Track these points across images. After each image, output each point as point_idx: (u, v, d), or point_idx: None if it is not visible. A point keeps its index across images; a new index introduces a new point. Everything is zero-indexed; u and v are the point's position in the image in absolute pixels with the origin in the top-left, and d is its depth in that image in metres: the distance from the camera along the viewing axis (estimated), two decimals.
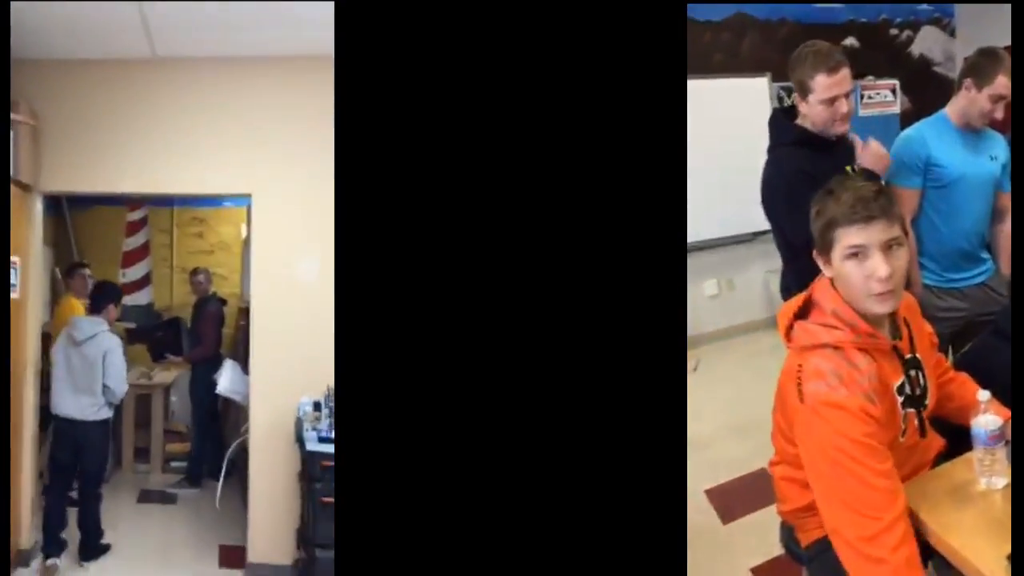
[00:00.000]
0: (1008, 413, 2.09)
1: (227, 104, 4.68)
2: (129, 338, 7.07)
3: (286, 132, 4.63)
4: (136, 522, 5.62)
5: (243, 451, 4.97)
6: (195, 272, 6.77)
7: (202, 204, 7.82)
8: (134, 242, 7.73)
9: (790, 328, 2.15)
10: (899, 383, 2.10)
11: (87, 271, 6.16)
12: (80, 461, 4.77)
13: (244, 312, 5.69)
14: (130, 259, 7.71)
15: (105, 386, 4.67)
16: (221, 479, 5.30)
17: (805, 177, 2.63)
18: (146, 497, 6.18)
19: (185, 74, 4.69)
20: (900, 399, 2.09)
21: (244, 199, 5.34)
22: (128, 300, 7.38)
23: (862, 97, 7.23)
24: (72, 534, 4.83)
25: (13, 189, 4.35)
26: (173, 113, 4.69)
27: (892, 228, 1.97)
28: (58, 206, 7.46)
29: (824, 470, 1.95)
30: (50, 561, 4.65)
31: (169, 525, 5.61)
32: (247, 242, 5.23)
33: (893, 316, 2.14)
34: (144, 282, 7.76)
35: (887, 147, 3.26)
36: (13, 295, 4.38)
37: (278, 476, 4.62)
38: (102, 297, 4.98)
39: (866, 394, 1.94)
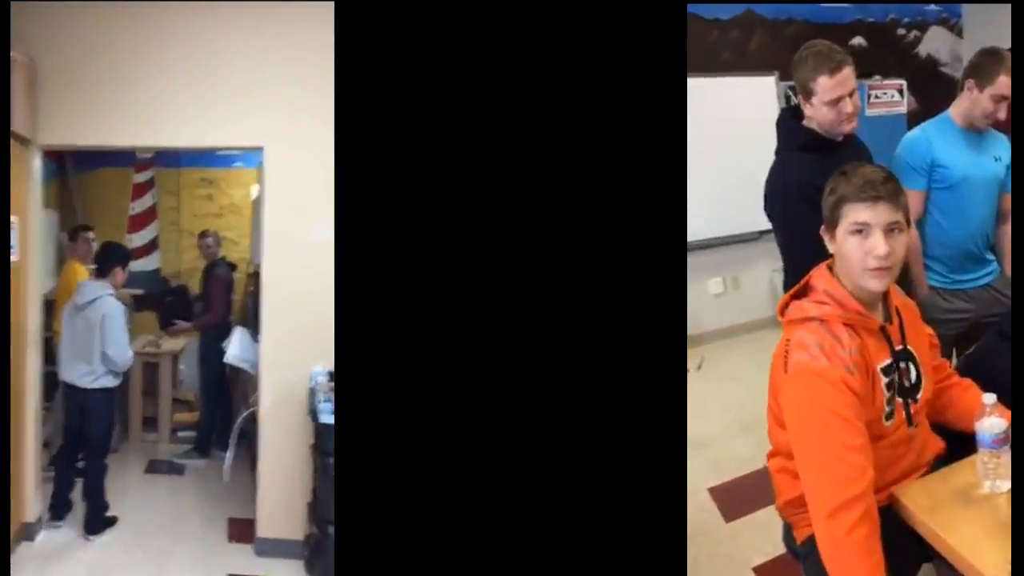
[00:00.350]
0: (1008, 415, 2.12)
1: (239, 50, 4.44)
2: (136, 304, 7.01)
3: (302, 80, 4.37)
4: (143, 493, 5.53)
5: (253, 421, 4.83)
6: (203, 235, 6.56)
7: (211, 164, 7.60)
8: (140, 205, 7.52)
9: (786, 307, 2.27)
10: (884, 364, 2.16)
11: (90, 234, 5.99)
12: (84, 429, 4.66)
13: (254, 277, 5.50)
14: (136, 223, 7.51)
15: (104, 353, 4.54)
16: (230, 451, 5.16)
17: (809, 190, 2.60)
18: (154, 467, 6.09)
19: (194, 17, 4.44)
20: (885, 379, 2.16)
21: (255, 156, 5.13)
22: (134, 266, 7.16)
23: (869, 97, 7.12)
24: (79, 505, 4.78)
25: (10, 143, 4.15)
26: (181, 59, 4.45)
27: (896, 212, 2.08)
28: (62, 168, 7.33)
29: (801, 438, 2.07)
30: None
31: (177, 497, 5.50)
32: (257, 204, 5.00)
33: (886, 304, 2.26)
34: (151, 247, 7.57)
35: (892, 148, 3.34)
36: (12, 257, 4.21)
37: (289, 449, 4.45)
38: (108, 259, 4.82)
39: (846, 366, 2.03)
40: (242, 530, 4.75)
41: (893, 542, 1.99)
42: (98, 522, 4.69)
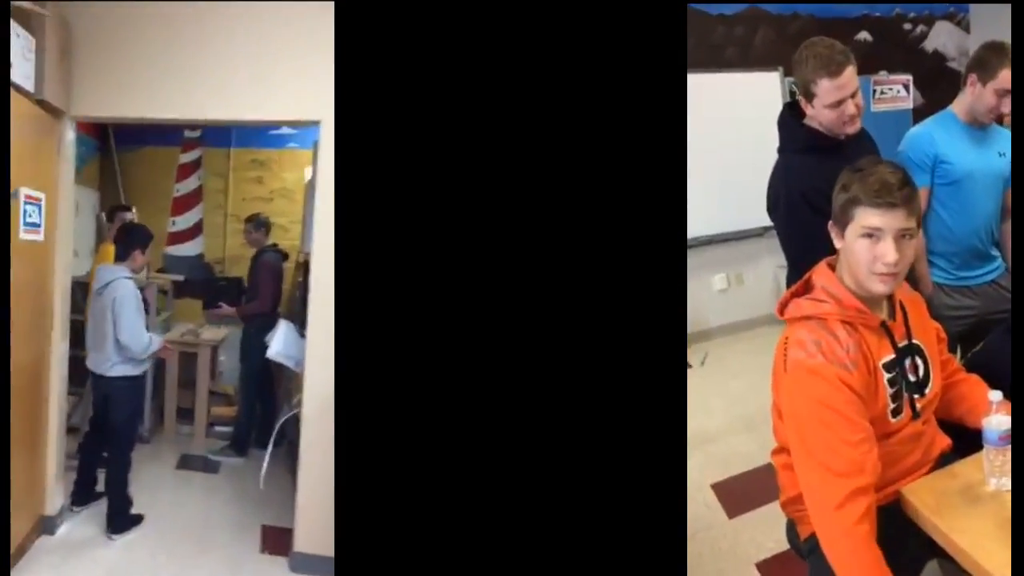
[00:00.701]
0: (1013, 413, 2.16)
1: (293, 15, 4.05)
2: (176, 291, 6.91)
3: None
4: (174, 491, 5.31)
5: (296, 423, 4.52)
6: (249, 220, 6.26)
7: (263, 145, 7.33)
8: (185, 187, 7.29)
9: (786, 305, 2.30)
10: (887, 360, 2.19)
11: (128, 215, 5.75)
12: (108, 419, 4.50)
13: (303, 267, 5.18)
14: (180, 206, 7.29)
15: (117, 340, 4.33)
16: (268, 454, 4.81)
17: (812, 193, 2.70)
18: (186, 463, 5.86)
19: None
20: (888, 375, 2.18)
21: (310, 136, 4.84)
22: (177, 251, 7.25)
23: (874, 92, 7.28)
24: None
25: (39, 114, 3.91)
26: (229, 24, 4.10)
27: (909, 219, 2.09)
28: (106, 146, 7.18)
29: (800, 434, 2.11)
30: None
31: (209, 497, 5.24)
32: (311, 186, 4.66)
33: (890, 300, 2.28)
34: (195, 231, 7.35)
35: (898, 144, 3.39)
36: (35, 236, 3.94)
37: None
38: (127, 241, 4.57)
39: (843, 363, 2.07)
40: (277, 540, 4.47)
41: (898, 539, 2.05)
42: (121, 520, 4.47)
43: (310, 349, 4.22)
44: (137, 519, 4.55)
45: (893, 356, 2.21)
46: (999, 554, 1.86)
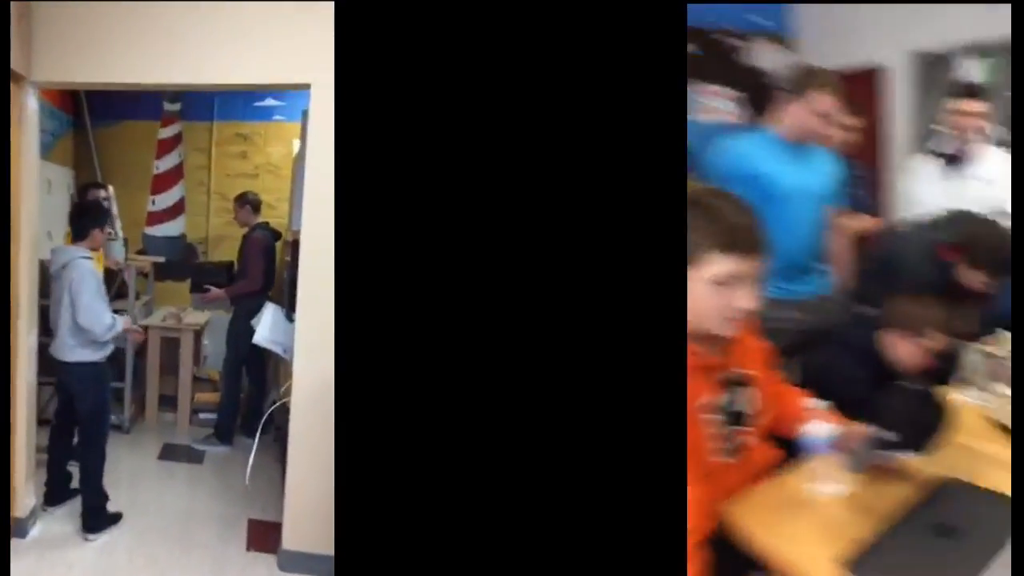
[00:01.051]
0: (841, 421, 2.26)
1: None
2: (158, 274, 6.72)
3: None
4: (155, 483, 5.11)
5: (284, 411, 4.31)
6: (237, 199, 6.02)
7: (247, 117, 7.14)
8: (165, 164, 7.06)
9: None
10: (714, 401, 2.10)
11: (102, 192, 5.47)
12: (76, 409, 4.32)
13: (292, 247, 4.88)
14: (161, 183, 7.06)
15: (75, 323, 4.12)
16: (255, 446, 4.58)
17: None
18: (169, 453, 5.63)
19: None
20: (715, 417, 2.10)
21: (297, 107, 4.69)
22: (157, 231, 7.05)
23: (699, 104, 7.28)
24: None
25: None
26: None
27: (762, 259, 1.99)
28: (80, 121, 6.97)
29: None
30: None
31: (192, 489, 5.04)
32: (299, 160, 4.41)
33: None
34: (176, 210, 7.14)
35: (715, 155, 3.49)
36: None
37: (326, 448, 3.79)
38: (82, 221, 4.38)
39: None
40: (264, 536, 4.24)
41: (720, 561, 1.96)
42: (97, 519, 4.25)
43: (299, 335, 3.98)
44: (115, 517, 4.33)
45: (720, 394, 2.12)
46: (822, 557, 1.89)
